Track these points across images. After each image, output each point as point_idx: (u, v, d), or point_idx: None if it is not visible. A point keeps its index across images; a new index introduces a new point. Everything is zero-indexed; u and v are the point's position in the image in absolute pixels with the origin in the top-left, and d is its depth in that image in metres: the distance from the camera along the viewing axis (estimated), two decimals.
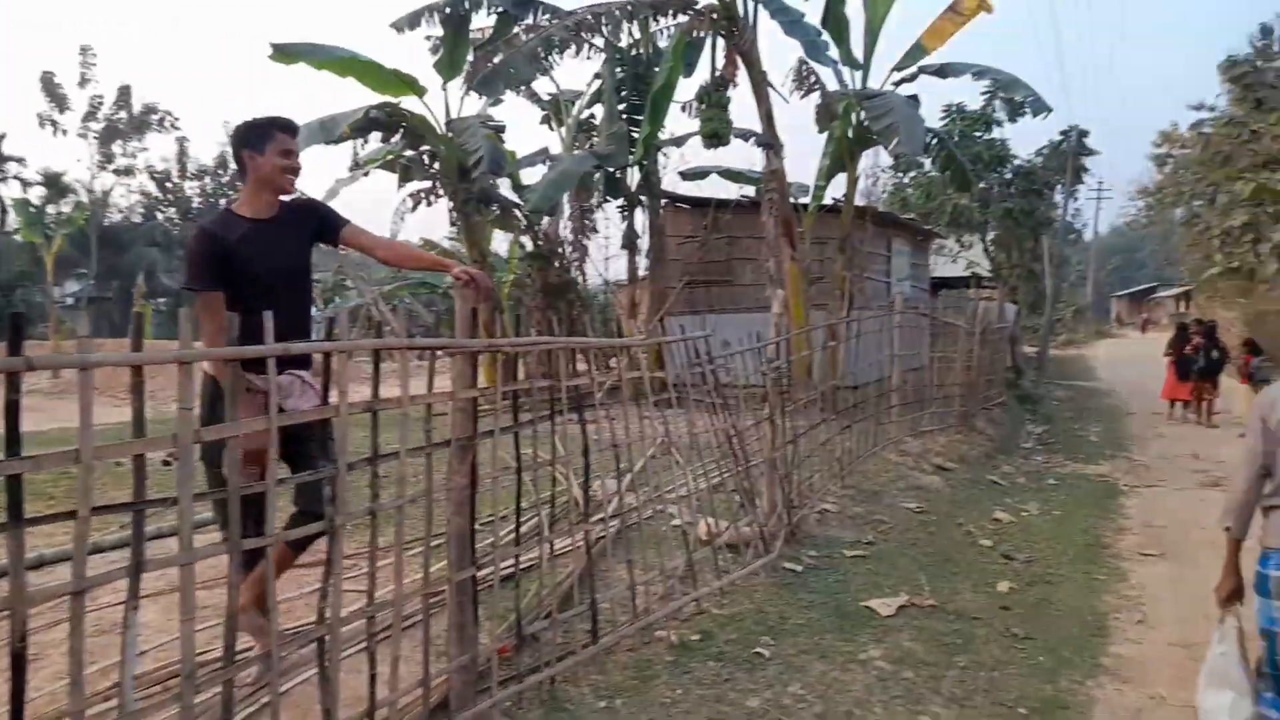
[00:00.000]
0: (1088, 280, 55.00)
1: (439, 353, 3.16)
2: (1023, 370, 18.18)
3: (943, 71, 13.12)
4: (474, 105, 13.24)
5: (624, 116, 14.10)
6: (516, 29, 12.45)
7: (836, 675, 4.13)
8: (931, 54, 13.30)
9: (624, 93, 14.36)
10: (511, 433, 3.54)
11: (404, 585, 3.02)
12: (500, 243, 18.00)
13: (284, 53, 10.94)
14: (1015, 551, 6.59)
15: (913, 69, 13.30)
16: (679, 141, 14.13)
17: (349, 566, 4.86)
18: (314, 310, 4.00)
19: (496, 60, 11.31)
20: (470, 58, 12.54)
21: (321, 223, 3.48)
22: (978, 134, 22.85)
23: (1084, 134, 23.72)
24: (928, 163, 23.85)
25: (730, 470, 5.38)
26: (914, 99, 12.93)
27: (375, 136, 12.96)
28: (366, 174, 13.60)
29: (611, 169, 13.83)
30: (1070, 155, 22.03)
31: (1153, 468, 10.34)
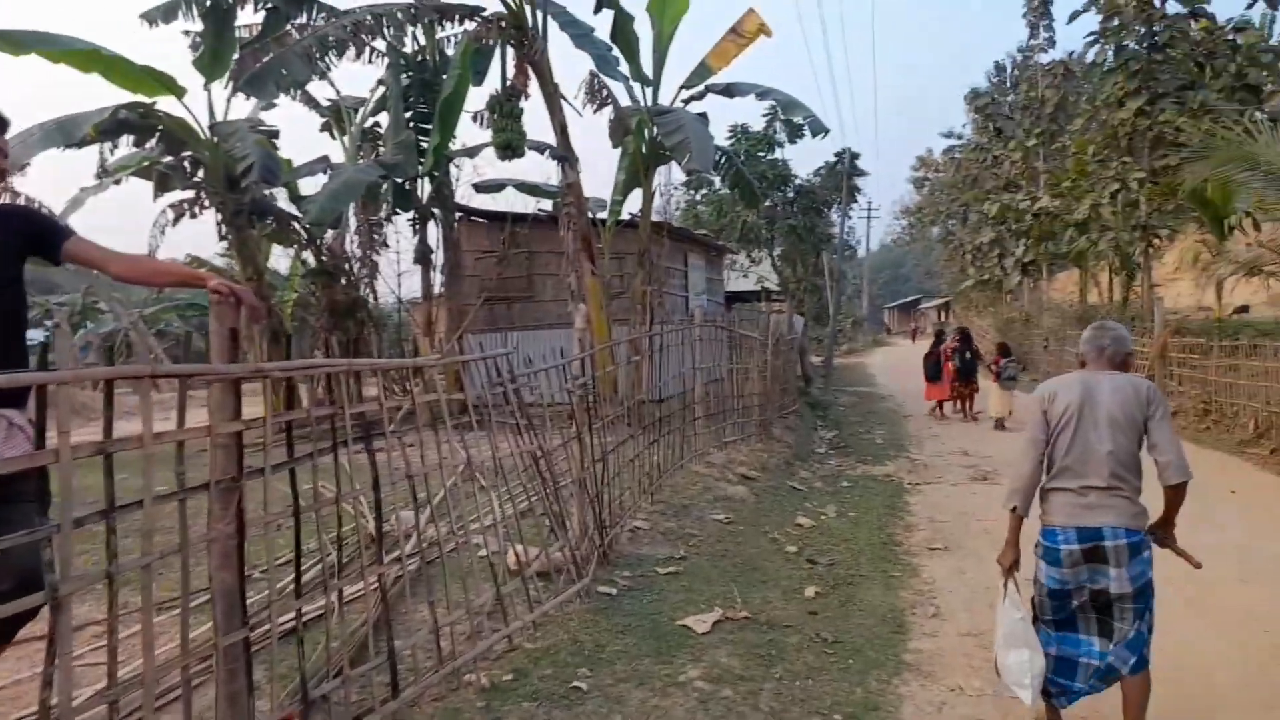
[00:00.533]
0: (863, 293, 59.55)
1: (194, 382, 2.66)
2: (811, 379, 19.17)
3: (729, 91, 13.58)
4: (243, 109, 12.24)
5: (411, 125, 13.53)
6: (288, 27, 11.58)
7: (657, 702, 3.95)
8: (717, 74, 13.77)
9: (411, 100, 13.79)
10: (287, 469, 3.08)
11: (157, 657, 2.50)
12: (280, 259, 16.75)
13: (9, 41, 9.52)
14: (818, 555, 6.75)
15: (700, 87, 13.69)
16: (472, 152, 13.72)
17: (92, 639, 4.14)
18: (42, 335, 3.33)
19: (266, 60, 10.43)
20: (236, 56, 11.51)
21: (36, 235, 2.88)
22: (761, 154, 24.02)
23: (856, 156, 25.61)
24: (718, 180, 24.84)
25: (538, 493, 5.09)
26: (703, 117, 13.31)
27: (127, 140, 11.62)
28: (118, 182, 12.16)
29: (400, 180, 13.20)
30: (844, 176, 23.66)
31: (931, 465, 11.09)
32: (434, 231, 14.01)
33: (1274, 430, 10.53)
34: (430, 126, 13.24)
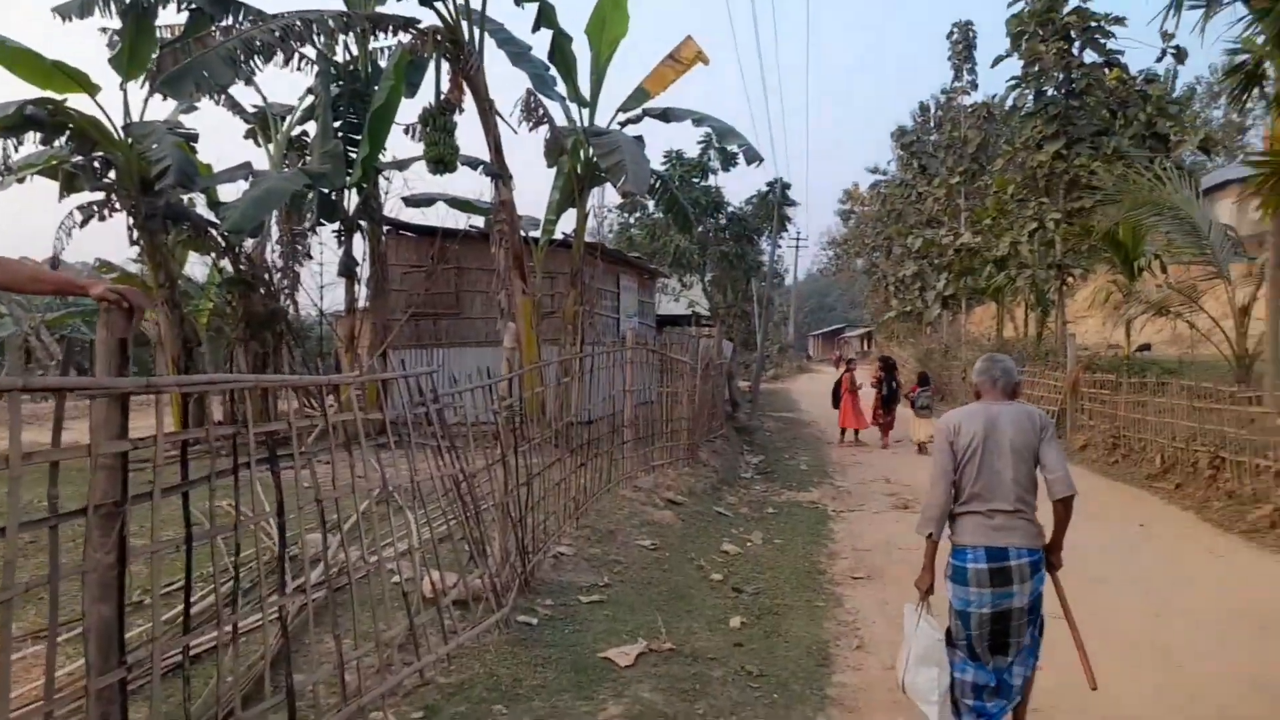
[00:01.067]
0: (790, 320, 60.46)
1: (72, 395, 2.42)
2: (738, 403, 19.26)
3: (666, 115, 13.61)
4: (161, 110, 11.73)
5: (340, 135, 13.19)
6: (212, 29, 11.16)
7: None
8: (654, 98, 13.80)
9: (340, 110, 13.45)
10: (180, 492, 2.83)
11: (16, 699, 2.24)
12: (196, 266, 16.10)
13: None
14: (744, 584, 6.67)
15: (637, 110, 13.69)
16: (402, 165, 13.42)
17: None
18: None
19: (187, 61, 10.01)
20: (155, 56, 11.04)
21: None
22: (695, 180, 24.22)
23: (787, 186, 26.01)
24: (652, 204, 24.93)
25: (458, 518, 4.88)
26: (639, 140, 13.30)
27: (34, 137, 11.00)
28: (22, 180, 11.50)
29: (327, 190, 12.82)
30: (775, 205, 24.02)
31: (854, 493, 11.17)
32: (360, 244, 13.64)
33: (1179, 465, 10.91)
34: (360, 137, 12.92)
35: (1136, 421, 12.59)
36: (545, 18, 12.57)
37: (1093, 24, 20.27)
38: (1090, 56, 20.39)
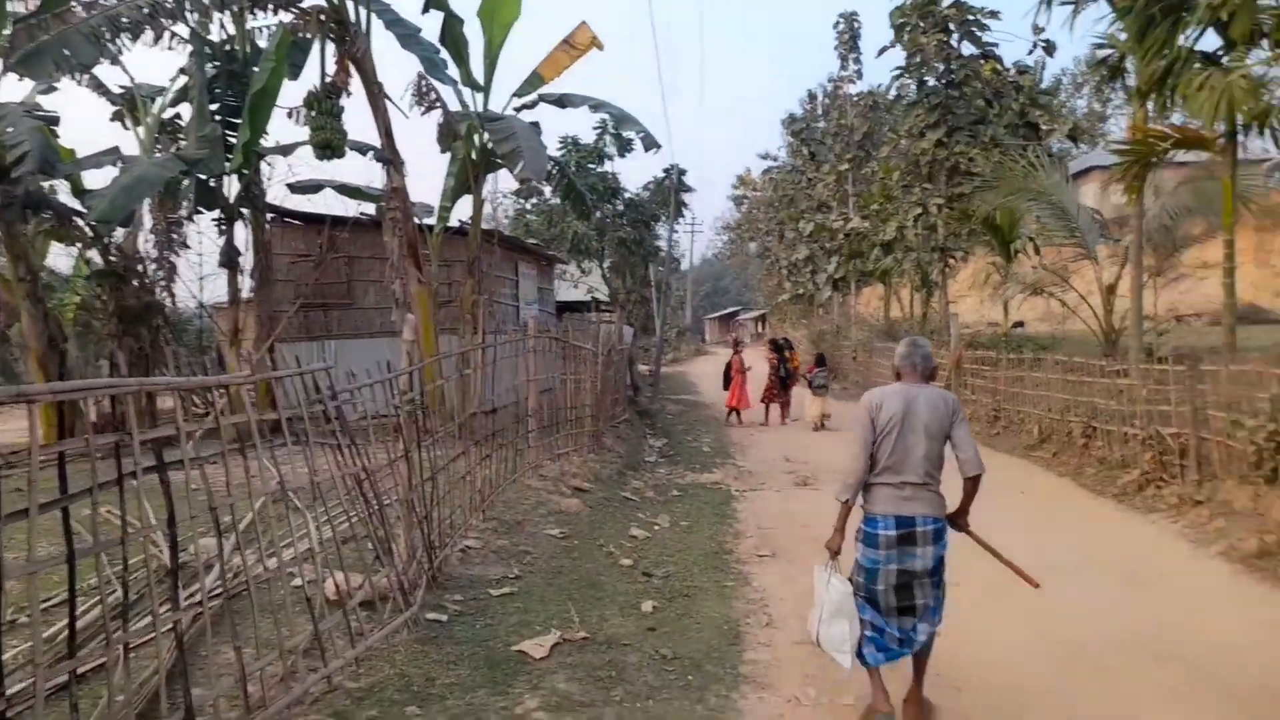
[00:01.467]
0: (686, 304, 61.11)
1: None
2: (639, 388, 19.35)
3: (562, 101, 13.48)
4: (16, 91, 10.84)
5: (218, 118, 12.51)
6: (72, 4, 10.38)
7: None
8: (549, 84, 13.65)
9: (218, 92, 12.76)
10: (59, 507, 2.63)
11: None
12: (60, 258, 15.02)
13: None
14: (654, 568, 6.71)
15: (533, 96, 13.51)
16: (286, 150, 12.83)
17: None
18: None
19: (44, 38, 9.28)
20: (8, 32, 10.19)
21: None
22: (592, 166, 24.11)
23: (683, 172, 26.23)
24: (548, 190, 24.69)
25: (361, 516, 4.73)
26: (535, 126, 13.13)
27: None
28: None
29: (204, 176, 12.16)
30: (672, 191, 24.18)
31: (755, 472, 11.40)
32: (242, 232, 13.00)
33: (1055, 435, 11.59)
34: (239, 121, 12.28)
35: (1015, 395, 13.30)
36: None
37: (970, 18, 21.12)
38: (968, 49, 21.25)
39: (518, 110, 13.35)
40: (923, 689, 4.17)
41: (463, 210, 23.26)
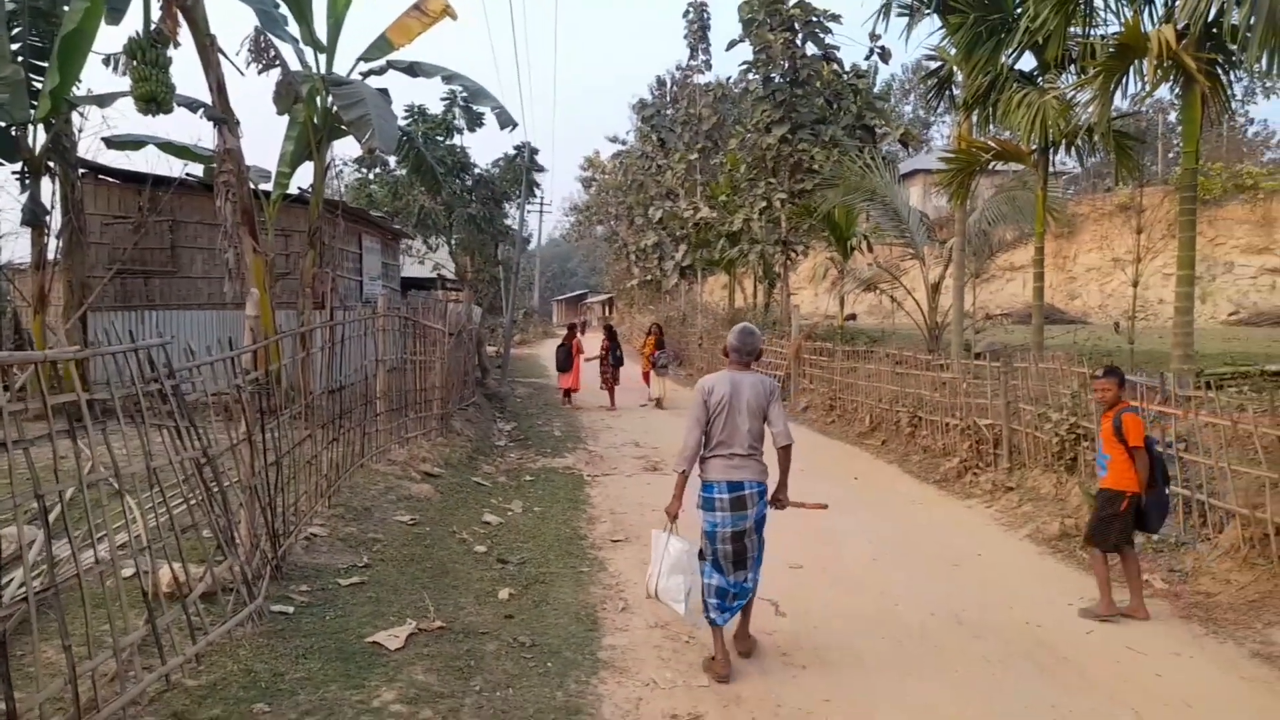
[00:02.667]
0: (535, 285, 60.61)
1: None
2: (488, 370, 19.06)
3: (413, 70, 12.98)
4: None
5: (20, 60, 11.20)
6: None
7: None
8: (398, 50, 13.10)
9: (19, 31, 11.41)
10: None
11: None
12: None
13: None
14: (509, 554, 6.66)
15: (381, 62, 12.92)
16: (103, 101, 11.64)
17: None
18: None
19: None
20: None
21: None
22: (440, 138, 23.40)
23: (535, 151, 25.91)
24: (393, 161, 23.75)
25: (201, 504, 4.41)
26: (384, 93, 12.58)
27: None
28: None
29: (4, 124, 10.87)
30: (524, 170, 23.84)
31: (606, 457, 11.51)
32: (50, 188, 11.73)
33: (884, 424, 12.38)
34: (47, 64, 11.05)
35: (849, 385, 14.07)
36: None
37: (814, 18, 21.98)
38: (812, 49, 22.11)
39: (364, 75, 12.74)
40: (749, 627, 4.90)
41: (303, 178, 22.02)
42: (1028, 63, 11.68)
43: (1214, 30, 8.75)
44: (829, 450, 12.17)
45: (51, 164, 11.60)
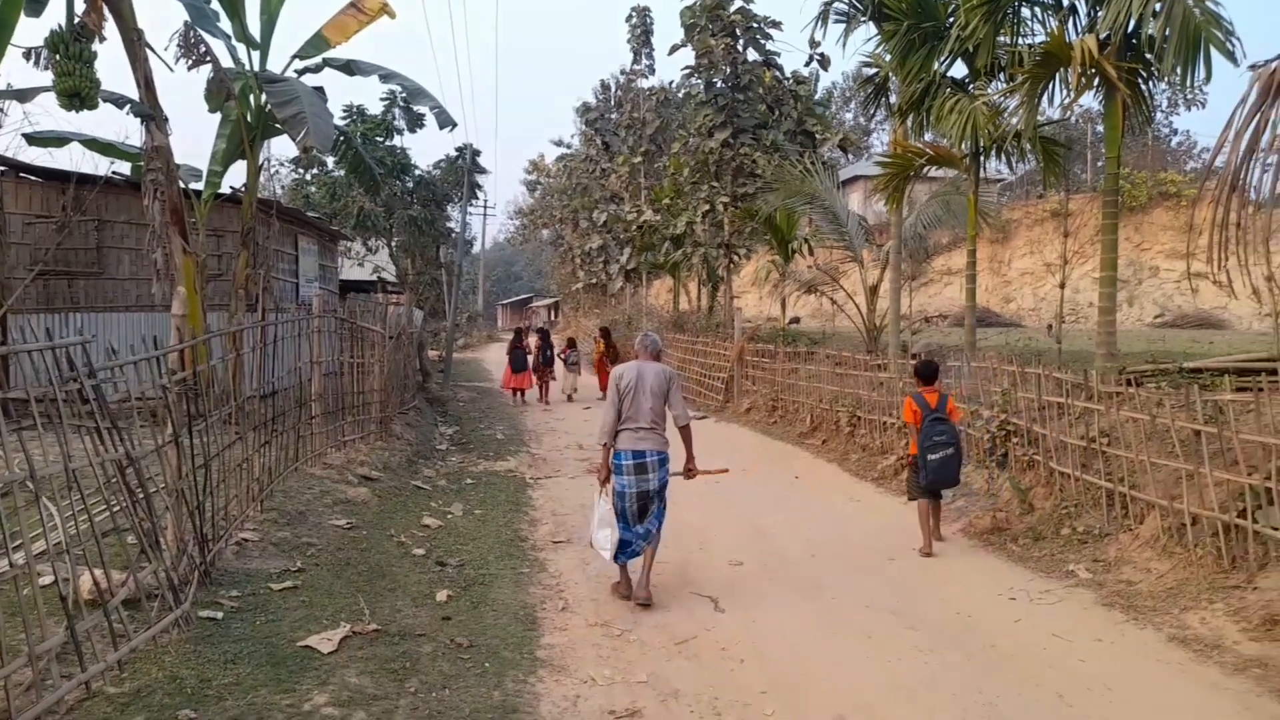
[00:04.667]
0: (479, 289, 60.09)
1: None
2: (429, 374, 18.83)
3: (350, 68, 12.78)
4: None
5: None
6: None
7: None
8: (335, 48, 12.89)
9: None
10: None
11: None
12: None
13: None
14: (447, 556, 6.60)
15: (317, 60, 12.69)
16: (24, 96, 11.23)
17: None
18: None
19: None
20: None
21: None
22: (379, 139, 23.08)
23: (477, 153, 25.68)
24: (331, 161, 23.34)
25: (123, 507, 4.28)
26: (320, 91, 12.37)
27: None
28: None
29: None
30: (466, 171, 23.62)
31: (549, 460, 11.47)
32: None
33: (825, 424, 12.55)
34: None
35: (791, 386, 14.25)
36: None
37: (755, 25, 22.25)
38: (753, 55, 22.38)
39: (299, 73, 12.51)
40: (649, 576, 5.72)
41: (235, 177, 21.52)
42: (959, 70, 12.02)
43: (1134, 41, 9.11)
44: (771, 450, 12.31)
45: None
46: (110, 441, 4.20)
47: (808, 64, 23.06)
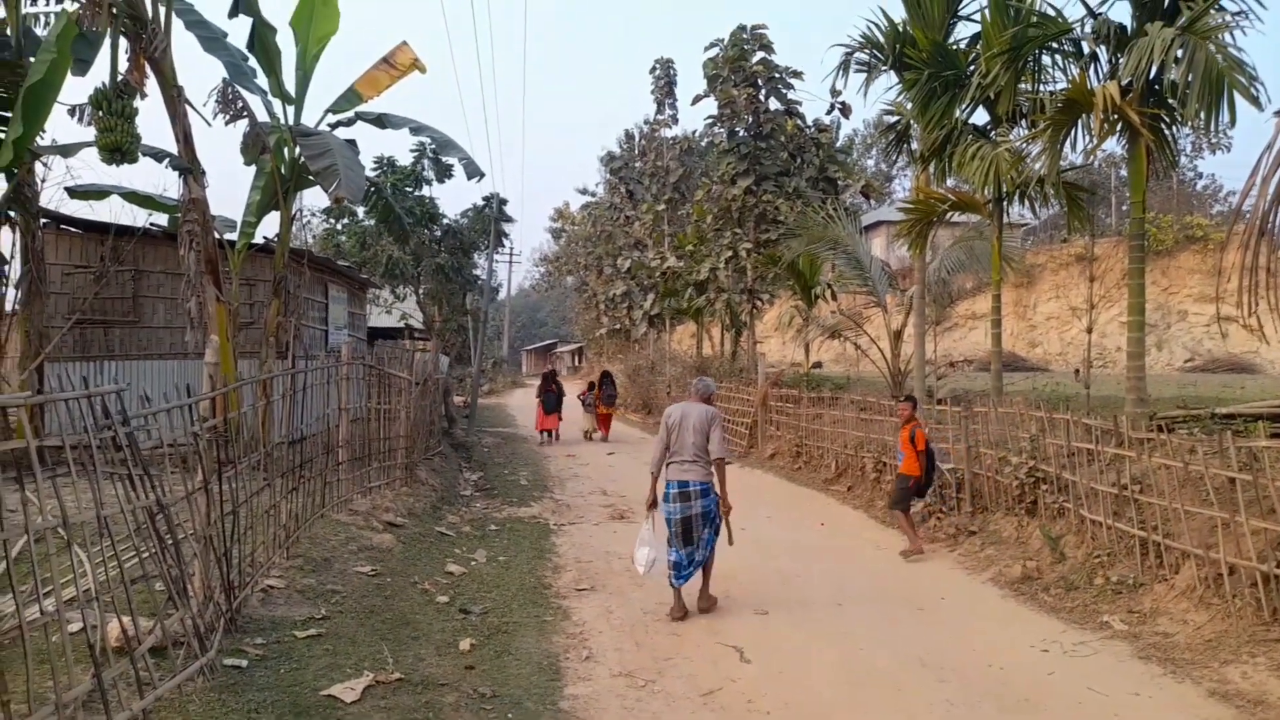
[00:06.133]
0: (504, 335, 60.53)
1: None
2: (454, 419, 18.93)
3: (381, 121, 13.11)
4: None
5: None
6: None
7: None
8: (367, 102, 13.24)
9: None
10: None
11: None
12: None
13: None
14: (471, 604, 6.57)
15: (350, 113, 13.04)
16: (67, 151, 11.61)
17: None
18: None
19: None
20: None
21: None
22: (409, 189, 23.52)
23: (504, 202, 26.12)
24: (361, 211, 23.80)
25: (152, 554, 4.32)
26: (352, 144, 12.67)
27: None
28: None
29: None
30: (493, 220, 23.97)
31: (573, 506, 11.43)
32: (9, 238, 11.61)
33: (850, 470, 12.44)
34: (9, 115, 11.02)
35: (815, 431, 14.16)
36: (246, 3, 11.58)
37: (776, 75, 22.57)
38: (775, 104, 22.66)
39: (332, 127, 12.84)
40: (709, 588, 6.59)
41: (269, 227, 22.01)
42: (980, 117, 12.08)
43: (1155, 86, 9.14)
44: (795, 496, 12.20)
45: (12, 213, 11.51)
46: (142, 488, 4.26)
47: (829, 112, 23.22)
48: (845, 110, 22.98)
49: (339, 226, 25.40)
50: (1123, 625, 5.93)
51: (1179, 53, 8.06)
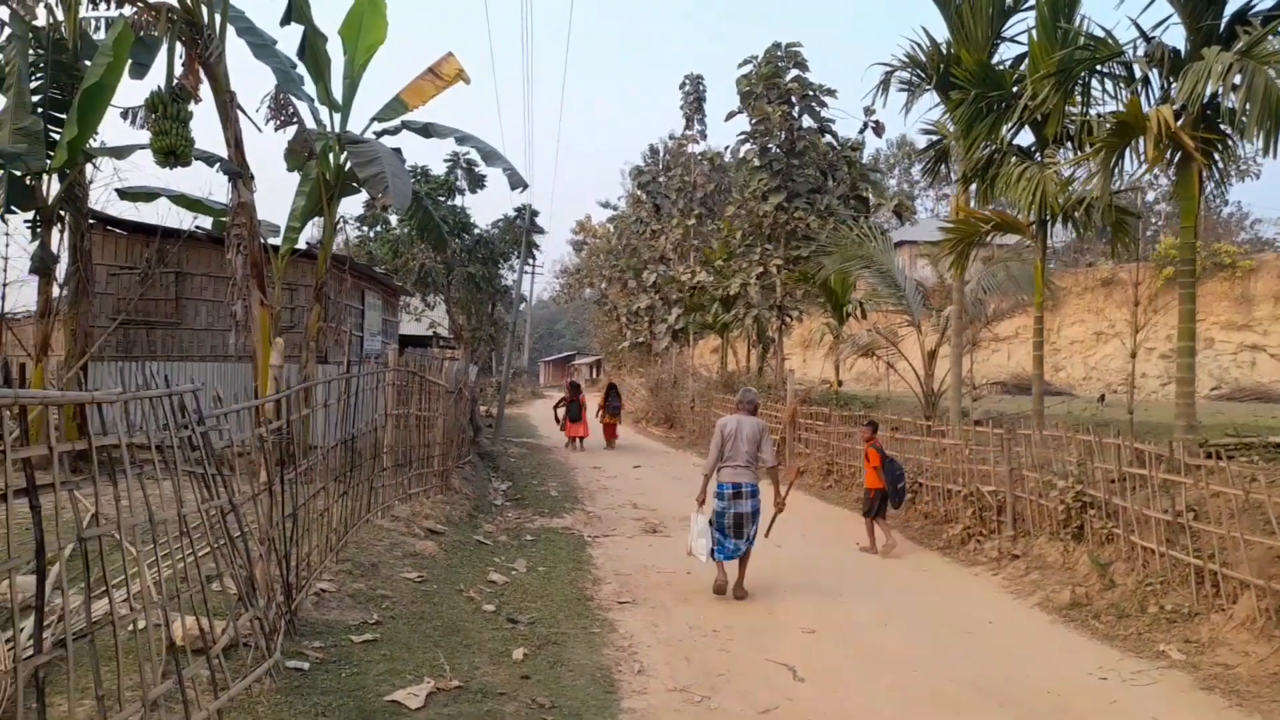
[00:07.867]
0: (525, 346, 60.72)
1: None
2: (480, 428, 18.98)
3: (426, 130, 13.22)
4: None
5: (40, 111, 11.36)
6: None
7: None
8: (412, 111, 13.37)
9: (40, 81, 11.60)
10: None
11: None
12: None
13: None
14: (518, 614, 6.56)
15: (395, 122, 13.17)
16: (121, 153, 11.82)
17: None
18: None
19: None
20: None
21: None
22: (442, 198, 23.70)
23: (535, 213, 26.24)
24: (395, 219, 23.98)
25: (224, 554, 4.35)
26: (398, 152, 12.80)
27: None
28: None
29: (20, 173, 10.96)
30: (525, 231, 24.10)
31: (604, 518, 11.41)
32: (59, 237, 11.78)
33: None
34: (65, 116, 11.21)
35: (845, 450, 14.07)
36: (298, 11, 11.75)
37: (810, 92, 22.61)
38: (808, 122, 22.69)
39: (378, 135, 12.98)
40: (744, 579, 7.46)
41: (310, 232, 22.26)
42: (1025, 138, 12.04)
43: (1208, 111, 9.08)
44: (829, 516, 12.12)
45: (63, 213, 11.68)
46: (215, 488, 4.30)
47: (861, 130, 23.26)
48: (878, 129, 23.02)
49: (372, 235, 25.61)
50: (1180, 655, 5.85)
51: (1237, 78, 8.01)
